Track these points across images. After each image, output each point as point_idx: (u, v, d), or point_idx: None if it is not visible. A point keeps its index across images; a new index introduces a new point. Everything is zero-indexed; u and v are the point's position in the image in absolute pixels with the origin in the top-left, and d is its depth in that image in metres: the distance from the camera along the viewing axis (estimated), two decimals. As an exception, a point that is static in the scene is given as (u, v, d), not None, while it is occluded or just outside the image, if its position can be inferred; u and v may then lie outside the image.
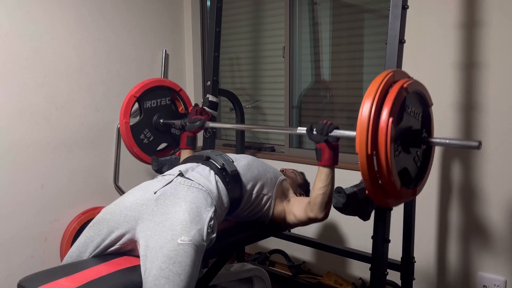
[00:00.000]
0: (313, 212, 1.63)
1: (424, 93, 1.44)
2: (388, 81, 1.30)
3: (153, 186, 1.57)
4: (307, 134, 1.62)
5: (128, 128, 2.14)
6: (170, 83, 2.32)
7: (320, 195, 1.60)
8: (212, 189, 1.58)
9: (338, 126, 1.56)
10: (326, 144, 1.55)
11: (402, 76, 1.38)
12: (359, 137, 1.25)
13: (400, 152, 1.34)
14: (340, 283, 2.58)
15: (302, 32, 2.87)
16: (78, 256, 1.48)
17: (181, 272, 1.32)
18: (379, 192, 1.31)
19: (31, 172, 2.46)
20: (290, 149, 2.93)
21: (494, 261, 2.12)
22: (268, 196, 1.77)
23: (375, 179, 1.28)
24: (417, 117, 1.43)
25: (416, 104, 1.42)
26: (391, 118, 1.22)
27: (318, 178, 1.60)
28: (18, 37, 2.36)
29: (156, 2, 3.04)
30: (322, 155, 1.57)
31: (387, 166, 1.23)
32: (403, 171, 1.38)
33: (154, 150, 2.27)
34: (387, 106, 1.24)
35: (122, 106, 2.16)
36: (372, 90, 1.27)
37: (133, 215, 1.48)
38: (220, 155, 1.75)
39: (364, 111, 1.25)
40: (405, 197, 1.40)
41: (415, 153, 1.43)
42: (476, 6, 2.04)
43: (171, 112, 2.32)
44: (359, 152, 1.25)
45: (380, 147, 1.23)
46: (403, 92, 1.29)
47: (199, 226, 1.42)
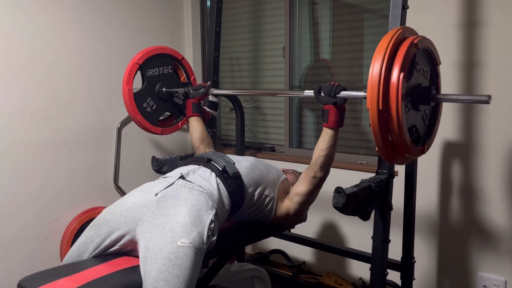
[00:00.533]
0: (314, 170, 1.67)
1: (433, 50, 1.44)
2: (398, 38, 1.30)
3: (154, 187, 1.57)
4: (314, 96, 1.65)
5: (131, 96, 2.11)
6: (172, 51, 2.30)
7: (323, 156, 1.63)
8: (213, 191, 1.58)
9: (345, 87, 1.58)
10: (333, 106, 1.57)
11: (412, 33, 1.38)
12: (370, 93, 1.25)
13: (409, 109, 1.35)
14: (340, 283, 2.58)
15: (302, 32, 2.87)
16: (78, 256, 1.48)
17: (180, 274, 1.32)
18: (389, 149, 1.32)
19: (31, 172, 2.46)
20: (290, 149, 2.94)
21: (494, 261, 2.12)
22: (271, 197, 1.77)
23: (385, 135, 1.29)
24: (426, 75, 1.43)
25: (425, 62, 1.43)
26: (402, 74, 1.23)
27: (322, 139, 1.63)
28: (18, 37, 2.36)
29: (156, 2, 3.04)
30: (328, 116, 1.59)
31: (398, 122, 1.24)
32: (412, 128, 1.39)
33: (157, 118, 2.26)
34: (398, 62, 1.24)
35: (125, 73, 2.12)
36: (383, 47, 1.27)
37: (134, 216, 1.48)
38: (222, 157, 1.74)
39: (375, 68, 1.25)
40: (414, 154, 1.40)
41: (424, 111, 1.44)
42: (476, 6, 2.04)
43: (174, 81, 2.30)
44: (370, 108, 1.25)
45: (391, 103, 1.24)
46: (413, 48, 1.29)
47: (200, 229, 1.42)
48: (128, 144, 2.89)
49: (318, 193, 1.76)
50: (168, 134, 2.37)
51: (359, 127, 2.70)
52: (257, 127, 3.20)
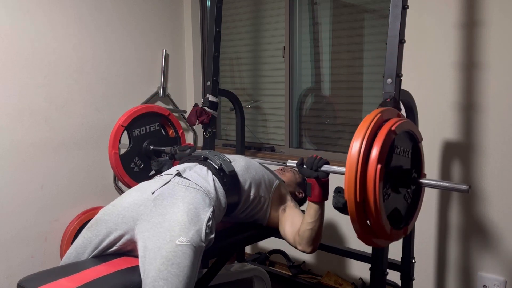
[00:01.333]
0: (301, 245, 1.63)
1: (413, 130, 1.42)
2: (377, 122, 1.28)
3: (151, 186, 1.57)
4: (297, 168, 1.62)
5: (117, 159, 2.11)
6: (158, 108, 2.28)
7: (308, 230, 1.59)
8: (210, 189, 1.58)
9: (327, 161, 1.55)
10: (315, 180, 1.54)
11: (391, 115, 1.36)
12: (347, 183, 1.23)
13: (389, 194, 1.33)
14: (340, 283, 2.58)
15: (302, 32, 2.87)
16: (76, 258, 1.47)
17: (179, 273, 1.31)
18: (369, 236, 1.31)
19: (31, 172, 2.46)
20: (290, 149, 2.93)
21: (494, 261, 2.12)
22: (265, 198, 1.75)
23: (364, 223, 1.28)
24: (406, 155, 1.41)
25: (405, 142, 1.40)
26: (379, 165, 1.20)
27: (307, 212, 1.60)
28: (18, 37, 2.36)
29: (156, 2, 3.04)
30: (312, 190, 1.56)
31: (376, 212, 1.23)
32: (393, 211, 1.36)
33: (145, 177, 2.23)
34: (375, 151, 1.22)
35: (111, 136, 2.13)
36: (361, 133, 1.25)
37: (131, 216, 1.48)
38: (218, 155, 1.74)
39: (352, 155, 1.23)
40: (395, 238, 1.38)
41: (406, 191, 1.41)
42: (476, 6, 2.04)
43: (161, 137, 2.29)
44: (348, 199, 1.24)
45: (369, 194, 1.22)
46: (391, 135, 1.27)
47: (198, 227, 1.42)
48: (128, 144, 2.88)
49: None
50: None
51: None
52: (257, 127, 3.20)
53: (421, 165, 1.47)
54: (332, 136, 2.83)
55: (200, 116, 2.44)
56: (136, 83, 2.95)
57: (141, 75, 2.97)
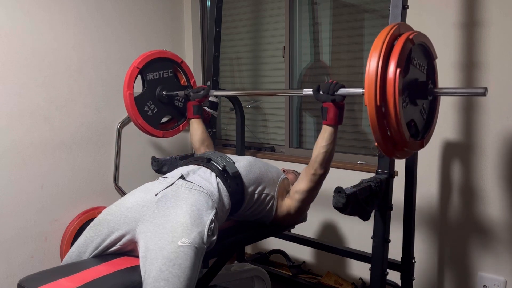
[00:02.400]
0: (313, 168, 1.67)
1: (428, 45, 1.45)
2: (394, 34, 1.31)
3: (154, 187, 1.57)
4: (313, 94, 1.65)
5: (132, 100, 2.13)
6: (171, 54, 2.31)
7: (322, 153, 1.64)
8: (214, 191, 1.58)
9: (344, 85, 1.58)
10: (332, 103, 1.58)
11: (407, 29, 1.39)
12: (367, 89, 1.26)
13: (407, 104, 1.36)
14: (340, 283, 2.58)
15: (302, 32, 2.87)
16: (78, 257, 1.48)
17: (180, 274, 1.32)
18: (388, 144, 1.33)
19: (31, 172, 2.46)
20: (290, 149, 2.94)
21: (494, 261, 2.12)
22: (271, 195, 1.77)
23: (384, 131, 1.29)
24: (422, 70, 1.44)
25: (421, 57, 1.44)
26: (399, 69, 1.23)
27: (322, 136, 1.64)
28: (18, 37, 2.36)
29: (156, 2, 3.04)
30: (327, 114, 1.60)
31: (396, 117, 1.25)
32: (410, 122, 1.40)
33: (158, 122, 2.28)
34: (394, 58, 1.25)
35: (126, 77, 2.14)
36: (379, 43, 1.28)
37: (134, 216, 1.48)
38: (221, 157, 1.75)
39: (371, 64, 1.26)
40: (413, 148, 1.41)
41: (422, 106, 1.45)
42: (476, 6, 2.04)
43: (174, 84, 2.32)
44: (368, 105, 1.26)
45: (388, 98, 1.25)
46: (408, 43, 1.30)
47: (200, 229, 1.42)
48: (128, 144, 2.89)
49: (318, 191, 1.76)
50: (170, 137, 2.38)
51: (359, 127, 2.70)
52: (257, 127, 3.20)
53: (435, 81, 1.50)
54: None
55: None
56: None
57: (141, 75, 2.97)
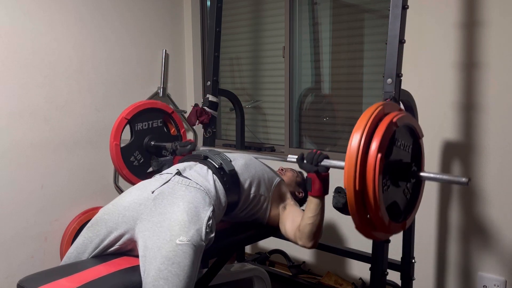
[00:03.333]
0: (301, 240, 1.62)
1: (414, 125, 1.41)
2: (378, 115, 1.27)
3: (151, 185, 1.57)
4: (297, 163, 1.60)
5: (118, 151, 2.11)
6: (162, 105, 2.29)
7: (308, 224, 1.58)
8: (210, 188, 1.58)
9: (327, 156, 1.54)
10: (316, 175, 1.54)
11: (393, 109, 1.35)
12: (347, 173, 1.22)
13: (389, 186, 1.32)
14: (340, 283, 2.58)
15: (302, 32, 2.87)
16: (76, 257, 1.47)
17: (180, 273, 1.32)
18: (368, 227, 1.30)
19: (31, 172, 2.46)
20: (290, 149, 2.93)
21: (494, 261, 2.12)
22: (265, 197, 1.76)
23: (363, 214, 1.27)
24: (407, 150, 1.40)
25: (406, 137, 1.40)
26: (380, 154, 1.20)
27: (308, 207, 1.59)
28: (18, 37, 2.36)
29: (156, 2, 3.04)
30: (312, 185, 1.55)
31: (375, 202, 1.22)
32: (392, 204, 1.36)
33: (144, 172, 2.23)
34: (376, 141, 1.21)
35: (113, 128, 2.13)
36: (361, 125, 1.24)
37: (132, 215, 1.48)
38: (218, 154, 1.74)
39: (352, 146, 1.22)
40: (394, 231, 1.38)
41: (405, 186, 1.41)
42: (476, 6, 2.04)
43: (163, 134, 2.29)
44: (347, 188, 1.23)
45: (368, 183, 1.21)
46: (392, 126, 1.26)
47: (198, 226, 1.42)
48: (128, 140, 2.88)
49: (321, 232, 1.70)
50: None
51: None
52: (257, 127, 3.20)
53: (421, 161, 1.46)
54: (332, 136, 2.83)
55: (200, 116, 2.44)
56: (136, 83, 2.95)
57: (141, 75, 2.97)
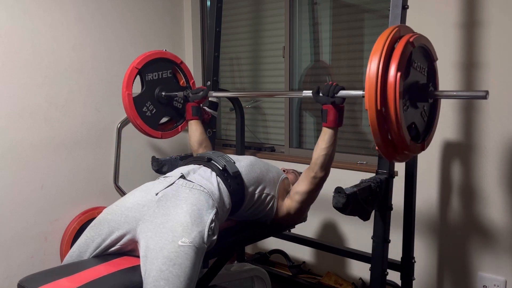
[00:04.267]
0: (314, 171, 1.67)
1: (429, 47, 1.44)
2: (394, 37, 1.31)
3: (155, 187, 1.57)
4: (313, 97, 1.64)
5: (131, 100, 2.12)
6: (171, 55, 2.30)
7: (322, 155, 1.64)
8: (214, 190, 1.58)
9: (344, 87, 1.58)
10: (332, 106, 1.57)
11: (407, 31, 1.39)
12: (368, 93, 1.26)
13: (408, 107, 1.36)
14: (340, 283, 2.58)
15: (302, 32, 2.87)
16: (78, 256, 1.48)
17: (180, 274, 1.32)
18: (389, 147, 1.32)
19: (31, 172, 2.46)
20: (290, 149, 2.93)
21: (494, 261, 2.12)
22: (271, 195, 1.77)
23: (385, 134, 1.29)
24: (423, 72, 1.44)
25: (422, 59, 1.43)
26: (399, 73, 1.23)
27: (322, 138, 1.64)
28: (18, 37, 2.36)
29: (156, 2, 3.04)
30: (327, 116, 1.59)
31: (396, 120, 1.25)
32: (411, 125, 1.40)
33: (157, 123, 2.27)
34: (394, 61, 1.25)
35: (124, 77, 2.13)
36: (379, 46, 1.28)
37: (134, 216, 1.48)
38: (222, 156, 1.75)
39: (372, 68, 1.26)
40: (414, 151, 1.41)
41: (422, 108, 1.45)
42: (476, 6, 2.04)
43: (173, 85, 2.31)
44: (368, 109, 1.26)
45: (389, 102, 1.24)
46: (409, 46, 1.30)
47: (200, 228, 1.42)
48: (128, 144, 2.89)
49: (318, 193, 1.76)
50: (168, 138, 2.37)
51: (359, 127, 2.70)
52: (257, 127, 3.20)
53: (436, 83, 1.49)
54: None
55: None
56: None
57: (141, 75, 2.97)
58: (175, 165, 2.18)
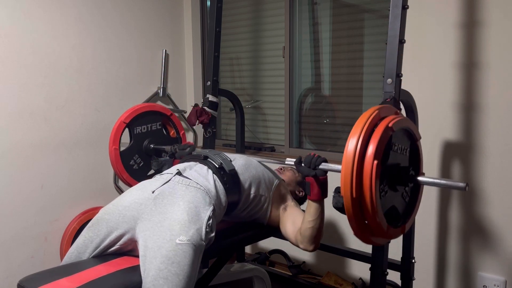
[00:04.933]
0: (303, 244, 1.63)
1: (411, 128, 1.40)
2: (374, 119, 1.27)
3: (151, 185, 1.57)
4: (295, 167, 1.60)
5: (117, 155, 2.11)
6: (160, 108, 2.29)
7: (309, 228, 1.58)
8: (210, 188, 1.58)
9: (325, 159, 1.53)
10: (314, 179, 1.53)
11: (389, 113, 1.35)
12: (343, 180, 1.22)
13: (386, 191, 1.31)
14: (340, 283, 2.58)
15: (302, 32, 2.87)
16: (77, 257, 1.47)
17: (179, 272, 1.32)
18: (366, 233, 1.29)
19: (31, 172, 2.46)
20: (290, 149, 2.93)
21: (494, 261, 2.12)
22: (265, 197, 1.76)
23: (361, 221, 1.26)
24: (404, 153, 1.39)
25: (403, 140, 1.39)
26: (376, 161, 1.19)
27: (308, 211, 1.59)
28: (18, 37, 2.36)
29: (156, 2, 3.04)
30: (311, 189, 1.54)
31: (372, 209, 1.21)
32: (391, 209, 1.35)
33: (144, 175, 2.23)
34: (371, 148, 1.21)
35: (112, 132, 2.13)
36: (357, 130, 1.24)
37: (132, 215, 1.48)
38: (218, 154, 1.75)
39: (348, 152, 1.21)
40: (393, 236, 1.37)
41: (403, 189, 1.40)
42: (476, 6, 2.04)
43: (162, 136, 2.29)
44: (344, 195, 1.22)
45: (365, 190, 1.20)
46: (388, 131, 1.25)
47: (198, 226, 1.42)
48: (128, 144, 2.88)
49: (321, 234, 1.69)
50: None
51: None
52: (257, 127, 3.20)
53: (419, 164, 1.45)
54: (332, 136, 2.83)
55: (200, 116, 2.44)
56: (136, 83, 2.95)
57: (141, 75, 2.97)
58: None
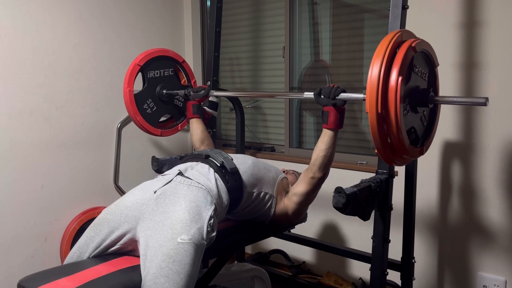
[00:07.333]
0: (312, 172, 1.67)
1: (430, 53, 1.46)
2: (396, 41, 1.32)
3: (153, 185, 1.58)
4: (314, 98, 1.65)
5: (132, 97, 2.13)
6: (173, 53, 2.31)
7: (321, 156, 1.64)
8: (212, 187, 1.58)
9: (345, 89, 1.59)
10: (333, 107, 1.59)
11: (410, 36, 1.40)
12: (369, 96, 1.27)
13: (408, 111, 1.37)
14: (340, 283, 2.58)
15: (302, 32, 2.87)
16: (79, 257, 1.48)
17: (180, 270, 1.32)
18: (388, 151, 1.33)
19: (31, 172, 2.46)
20: (290, 149, 2.94)
21: (494, 261, 2.12)
22: (269, 194, 1.77)
23: (384, 138, 1.30)
24: (424, 77, 1.45)
25: (423, 64, 1.45)
26: (401, 77, 1.25)
27: (322, 140, 1.64)
28: (18, 37, 2.36)
29: (157, 2, 3.04)
30: (328, 117, 1.61)
31: (396, 124, 1.26)
32: (410, 130, 1.41)
33: (157, 120, 2.28)
34: (396, 66, 1.26)
35: (126, 74, 2.14)
36: (381, 50, 1.29)
37: (134, 215, 1.48)
38: (219, 153, 1.75)
39: (373, 71, 1.27)
40: (413, 155, 1.42)
41: (422, 113, 1.46)
42: (477, 6, 2.04)
43: (174, 83, 2.32)
44: (369, 112, 1.27)
45: (390, 106, 1.26)
46: (411, 51, 1.31)
47: (199, 225, 1.42)
48: (128, 144, 2.89)
49: (317, 194, 1.76)
50: (168, 136, 2.38)
51: (359, 127, 2.70)
52: (257, 127, 3.21)
53: (437, 89, 1.51)
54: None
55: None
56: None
57: (141, 75, 2.97)
58: (175, 165, 2.18)
